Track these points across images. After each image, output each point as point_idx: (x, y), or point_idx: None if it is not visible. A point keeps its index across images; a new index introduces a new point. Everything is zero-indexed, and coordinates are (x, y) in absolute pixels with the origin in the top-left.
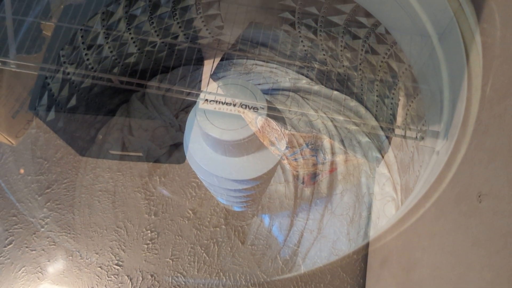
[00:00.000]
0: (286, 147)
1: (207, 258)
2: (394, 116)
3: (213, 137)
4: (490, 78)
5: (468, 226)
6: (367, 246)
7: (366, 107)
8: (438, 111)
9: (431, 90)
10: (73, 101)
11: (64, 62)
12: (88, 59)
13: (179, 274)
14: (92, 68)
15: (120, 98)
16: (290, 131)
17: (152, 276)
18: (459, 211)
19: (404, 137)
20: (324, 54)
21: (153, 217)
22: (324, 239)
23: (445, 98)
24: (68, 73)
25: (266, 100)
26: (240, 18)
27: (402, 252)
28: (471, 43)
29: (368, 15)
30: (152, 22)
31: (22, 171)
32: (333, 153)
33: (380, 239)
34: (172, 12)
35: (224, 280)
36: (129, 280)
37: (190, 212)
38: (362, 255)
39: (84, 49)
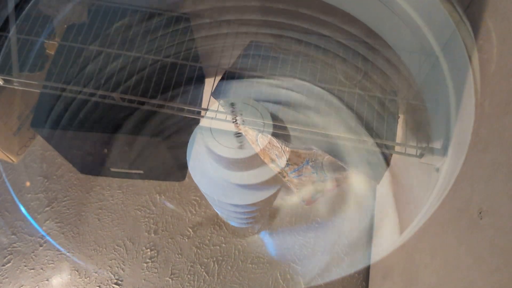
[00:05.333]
0: (287, 164)
1: (207, 277)
2: (394, 133)
3: (216, 154)
4: (489, 95)
5: (469, 243)
6: (368, 263)
7: (366, 124)
8: (438, 127)
9: (431, 106)
10: (75, 119)
11: (66, 80)
12: (90, 77)
13: None
14: (95, 85)
15: (125, 114)
16: (290, 148)
17: None
18: (460, 227)
19: (404, 154)
20: (324, 71)
21: (153, 235)
22: (325, 257)
23: (445, 114)
24: (71, 91)
25: (270, 117)
26: (241, 36)
27: (403, 269)
28: (472, 60)
29: (368, 30)
30: (154, 42)
31: (28, 184)
32: (333, 171)
33: (381, 256)
34: (174, 31)
35: None
36: None
37: (190, 230)
38: (364, 273)
39: (86, 67)
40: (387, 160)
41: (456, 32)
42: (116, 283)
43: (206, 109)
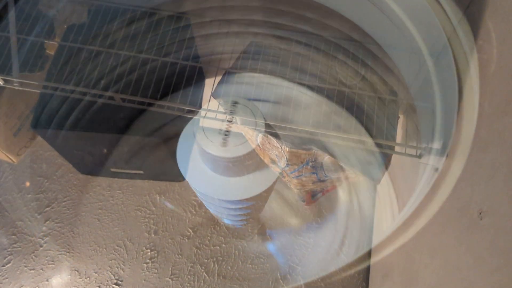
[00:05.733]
0: (287, 164)
1: (207, 277)
2: (393, 133)
3: (212, 154)
4: (489, 95)
5: (469, 243)
6: (368, 263)
7: (365, 125)
8: (437, 128)
9: (430, 107)
10: (74, 119)
11: (66, 81)
12: (90, 77)
13: None
14: (95, 86)
15: (124, 114)
16: (290, 148)
17: None
18: (460, 228)
19: (404, 154)
20: (323, 72)
21: (153, 235)
22: (325, 257)
23: (445, 115)
24: (71, 91)
25: (264, 117)
26: (242, 36)
27: (403, 269)
28: (466, 62)
29: (366, 35)
30: (154, 41)
31: (28, 184)
32: (333, 171)
33: (381, 255)
34: (174, 31)
35: None
36: None
37: (190, 230)
38: (364, 273)
39: (86, 67)
40: (387, 160)
41: (455, 33)
42: (116, 284)
43: (206, 109)
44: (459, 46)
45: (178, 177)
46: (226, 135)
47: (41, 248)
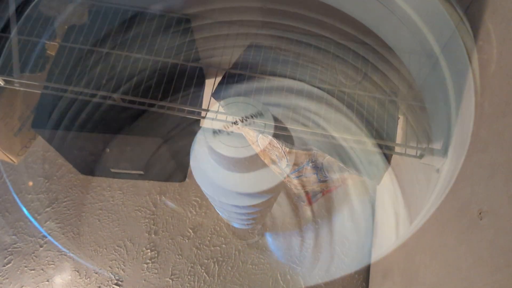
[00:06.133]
0: (287, 165)
1: (207, 277)
2: (394, 133)
3: (220, 154)
4: (489, 95)
5: (469, 243)
6: (368, 264)
7: (366, 125)
8: (438, 128)
9: (431, 107)
10: (75, 119)
11: (67, 81)
12: (91, 78)
13: None
14: (95, 86)
15: (125, 115)
16: (291, 149)
17: None
18: (460, 228)
19: (404, 154)
20: (324, 72)
21: (153, 236)
22: (326, 258)
23: (445, 115)
24: (72, 92)
25: (271, 117)
26: (242, 37)
27: (403, 269)
28: (472, 61)
29: (368, 31)
30: (155, 43)
31: (30, 183)
32: (334, 171)
33: (381, 256)
34: (175, 32)
35: None
36: None
37: (191, 231)
38: (364, 273)
39: (87, 68)
40: (387, 160)
41: (456, 33)
42: (116, 284)
43: (207, 110)
44: (462, 47)
45: (179, 177)
46: (231, 135)
47: (41, 249)
